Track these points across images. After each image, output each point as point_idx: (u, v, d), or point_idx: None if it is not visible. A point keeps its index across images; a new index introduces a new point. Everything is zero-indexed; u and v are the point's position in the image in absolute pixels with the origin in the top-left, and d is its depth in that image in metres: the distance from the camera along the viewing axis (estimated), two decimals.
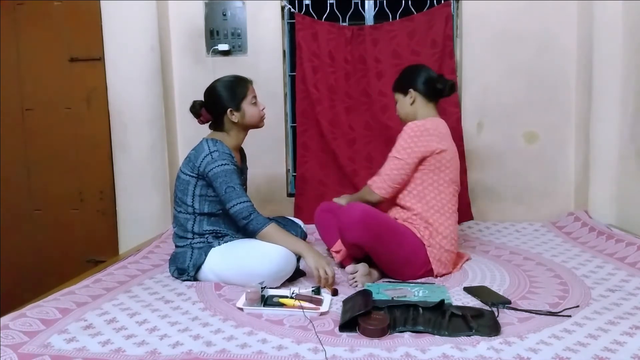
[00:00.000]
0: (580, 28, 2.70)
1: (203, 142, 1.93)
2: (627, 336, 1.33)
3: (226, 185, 1.84)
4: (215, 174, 1.85)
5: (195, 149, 1.93)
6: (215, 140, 1.92)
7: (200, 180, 1.89)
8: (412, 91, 2.04)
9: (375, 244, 1.83)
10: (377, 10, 2.91)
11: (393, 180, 1.95)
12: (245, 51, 2.92)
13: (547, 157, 2.84)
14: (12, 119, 2.91)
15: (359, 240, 1.83)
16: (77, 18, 2.79)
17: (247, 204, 1.85)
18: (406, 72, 2.11)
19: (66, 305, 1.59)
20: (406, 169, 1.93)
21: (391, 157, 1.96)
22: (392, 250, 1.86)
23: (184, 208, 1.92)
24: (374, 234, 1.82)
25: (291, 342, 1.35)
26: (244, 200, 1.85)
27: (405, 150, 1.92)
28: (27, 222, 2.96)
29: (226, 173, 1.85)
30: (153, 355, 1.28)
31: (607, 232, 2.29)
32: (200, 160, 1.87)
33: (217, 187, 1.86)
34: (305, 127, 2.87)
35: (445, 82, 2.05)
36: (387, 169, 1.96)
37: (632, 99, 2.38)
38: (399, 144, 1.95)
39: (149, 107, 2.66)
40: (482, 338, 1.34)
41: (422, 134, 1.92)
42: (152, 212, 2.69)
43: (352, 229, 1.82)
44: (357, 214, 1.81)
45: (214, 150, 1.87)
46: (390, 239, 1.85)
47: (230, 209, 1.85)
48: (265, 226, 1.85)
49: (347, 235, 1.85)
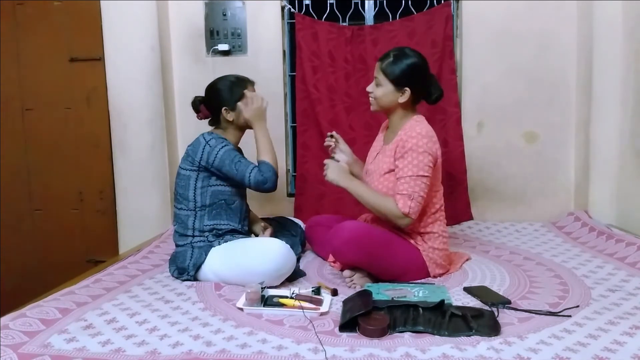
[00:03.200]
0: (580, 28, 2.70)
1: (199, 137, 1.97)
2: (627, 336, 1.33)
3: (234, 163, 1.89)
4: (221, 159, 1.89)
5: (192, 145, 1.96)
6: (209, 132, 1.98)
7: (202, 173, 1.93)
8: (408, 90, 1.88)
9: (370, 261, 1.81)
10: (377, 10, 2.91)
11: (422, 202, 1.83)
12: (245, 51, 2.92)
13: (547, 157, 2.84)
14: (12, 119, 2.91)
15: (352, 261, 1.83)
16: (77, 18, 2.79)
17: (255, 170, 1.89)
18: (405, 63, 1.87)
19: (66, 305, 1.59)
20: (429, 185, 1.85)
21: (415, 177, 1.80)
22: (388, 263, 1.84)
23: (185, 204, 1.94)
24: (366, 252, 1.78)
25: (291, 342, 1.35)
26: (252, 167, 1.90)
27: (427, 166, 1.82)
28: (27, 222, 2.96)
29: (229, 153, 1.90)
30: (153, 355, 1.28)
31: (607, 232, 2.29)
32: (200, 154, 1.90)
33: (227, 170, 1.90)
34: (305, 127, 2.87)
35: (438, 90, 1.96)
36: (418, 190, 1.80)
37: (632, 99, 2.38)
38: (419, 160, 1.80)
39: (149, 107, 2.66)
40: (482, 338, 1.34)
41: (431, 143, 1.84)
42: (152, 212, 2.69)
43: (344, 251, 1.79)
44: (346, 235, 1.76)
45: (209, 139, 1.92)
46: (384, 253, 1.82)
47: (250, 180, 1.89)
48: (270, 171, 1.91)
49: (340, 258, 1.85)
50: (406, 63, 1.87)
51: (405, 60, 1.88)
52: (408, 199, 1.80)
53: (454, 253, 2.15)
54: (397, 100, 1.90)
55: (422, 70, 1.91)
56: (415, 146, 1.81)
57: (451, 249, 2.22)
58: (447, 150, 2.78)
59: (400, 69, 1.87)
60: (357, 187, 1.90)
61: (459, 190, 2.79)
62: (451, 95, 2.76)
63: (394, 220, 1.83)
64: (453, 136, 2.77)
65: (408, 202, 1.79)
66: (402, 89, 1.88)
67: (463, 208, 2.80)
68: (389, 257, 1.83)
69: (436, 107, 2.76)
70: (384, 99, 1.91)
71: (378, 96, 1.92)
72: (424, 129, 1.85)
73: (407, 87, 1.87)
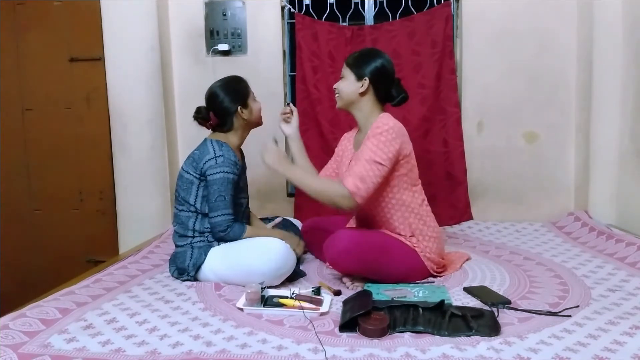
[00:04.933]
0: (580, 28, 2.70)
1: (207, 142, 1.94)
2: (627, 336, 1.33)
3: (218, 193, 1.86)
4: (214, 179, 1.87)
5: (199, 149, 1.94)
6: (221, 143, 1.93)
7: (203, 182, 1.90)
8: (366, 80, 1.87)
9: (368, 268, 1.80)
10: (377, 10, 2.91)
11: (372, 189, 1.76)
12: (245, 51, 2.92)
13: (547, 157, 2.84)
14: (12, 119, 2.91)
15: (349, 270, 1.82)
16: (77, 18, 2.79)
17: (229, 217, 1.88)
18: (367, 56, 1.90)
19: (66, 305, 1.59)
20: (384, 176, 1.78)
21: (371, 161, 1.75)
22: (386, 268, 1.82)
23: (187, 207, 1.93)
24: (363, 260, 1.76)
25: (291, 342, 1.35)
26: (227, 212, 1.87)
27: (387, 155, 1.75)
28: (27, 222, 2.96)
29: (223, 181, 1.87)
30: (153, 355, 1.28)
31: (607, 232, 2.29)
32: (203, 162, 1.88)
33: (210, 192, 1.88)
34: (305, 127, 2.87)
35: (402, 92, 1.93)
36: (372, 175, 1.74)
37: (632, 99, 2.38)
38: (379, 148, 1.76)
39: (149, 107, 2.66)
40: (482, 338, 1.34)
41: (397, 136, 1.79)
42: (152, 212, 2.69)
43: (340, 261, 1.78)
44: (341, 245, 1.74)
45: (219, 155, 1.88)
46: (381, 259, 1.80)
47: (212, 218, 1.87)
48: (242, 234, 1.89)
49: (338, 268, 1.84)
50: (370, 57, 1.90)
51: (370, 55, 1.92)
52: (359, 180, 1.73)
53: (454, 253, 2.15)
54: (357, 91, 1.88)
55: (385, 68, 1.90)
56: (379, 134, 1.78)
57: (451, 249, 2.23)
58: (447, 150, 2.78)
59: (363, 61, 1.90)
60: (297, 174, 1.85)
61: (459, 190, 2.78)
62: (451, 95, 2.76)
63: (338, 202, 1.75)
64: (453, 136, 2.77)
65: (358, 183, 1.73)
66: (362, 79, 1.88)
67: (463, 208, 2.79)
68: (387, 262, 1.82)
69: (436, 107, 2.77)
70: (346, 89, 1.91)
71: (340, 88, 1.93)
72: (391, 122, 1.82)
73: (365, 76, 1.87)
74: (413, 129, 2.73)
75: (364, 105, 1.91)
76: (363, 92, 1.88)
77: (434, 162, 2.79)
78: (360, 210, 1.96)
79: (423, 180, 1.96)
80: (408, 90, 1.97)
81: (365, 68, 1.88)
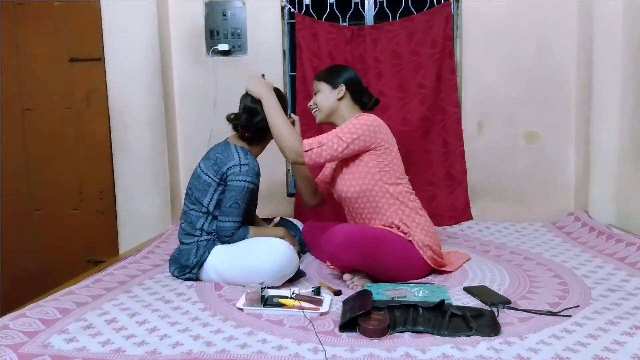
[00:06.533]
0: (580, 28, 2.70)
1: (232, 147, 1.92)
2: (627, 336, 1.33)
3: (234, 200, 1.86)
4: (234, 186, 1.86)
5: (222, 153, 1.91)
6: (246, 151, 1.92)
7: (221, 186, 1.89)
8: (342, 86, 1.99)
9: (367, 261, 1.80)
10: (377, 10, 2.91)
11: (324, 157, 1.86)
12: (245, 51, 2.92)
13: (547, 157, 2.84)
14: (12, 119, 2.91)
15: (349, 264, 1.82)
16: (77, 18, 2.79)
17: (237, 225, 1.88)
18: (337, 68, 2.07)
19: (66, 305, 1.59)
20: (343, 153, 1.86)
21: (334, 134, 1.87)
22: (384, 262, 1.83)
23: (198, 207, 1.92)
24: (361, 253, 1.77)
25: (291, 342, 1.35)
26: (237, 220, 1.88)
27: (350, 133, 1.85)
28: (27, 222, 2.95)
29: (242, 190, 1.87)
30: (153, 355, 1.28)
31: (607, 232, 2.29)
32: (227, 167, 1.87)
33: (226, 196, 1.87)
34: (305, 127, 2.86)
35: (371, 97, 2.06)
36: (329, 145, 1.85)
37: (632, 99, 2.38)
38: (346, 126, 1.88)
39: (149, 107, 2.66)
40: (482, 338, 1.34)
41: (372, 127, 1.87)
42: (152, 212, 2.69)
43: (339, 255, 1.79)
44: (339, 239, 1.76)
45: (244, 163, 1.87)
46: (378, 252, 1.81)
47: (221, 222, 1.87)
48: (246, 236, 1.90)
49: (336, 262, 1.84)
50: (339, 69, 2.06)
51: (339, 67, 2.09)
52: (316, 142, 1.86)
53: (454, 253, 2.15)
54: (336, 98, 1.99)
55: (355, 76, 2.05)
56: (354, 121, 1.89)
57: (451, 249, 2.23)
58: (447, 150, 2.78)
59: (334, 72, 2.04)
60: (273, 105, 1.90)
61: (459, 190, 2.79)
62: (451, 95, 2.76)
63: (286, 150, 1.87)
64: (453, 136, 2.78)
65: (313, 145, 1.85)
66: (338, 87, 1.99)
67: (463, 208, 2.80)
68: (385, 255, 1.83)
69: (436, 107, 2.78)
70: (324, 101, 2.01)
71: (318, 101, 2.03)
72: (370, 117, 1.91)
73: (341, 83, 1.99)
74: (413, 129, 2.74)
75: (342, 109, 2.01)
76: (341, 97, 1.99)
77: (433, 162, 2.79)
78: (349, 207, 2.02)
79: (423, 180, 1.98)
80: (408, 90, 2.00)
81: (338, 78, 2.01)
